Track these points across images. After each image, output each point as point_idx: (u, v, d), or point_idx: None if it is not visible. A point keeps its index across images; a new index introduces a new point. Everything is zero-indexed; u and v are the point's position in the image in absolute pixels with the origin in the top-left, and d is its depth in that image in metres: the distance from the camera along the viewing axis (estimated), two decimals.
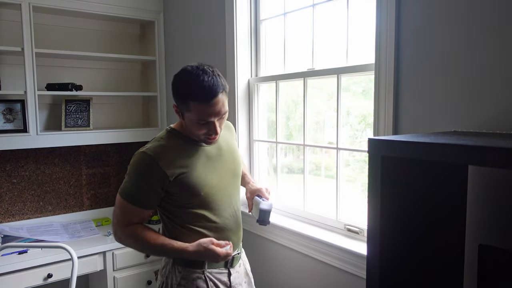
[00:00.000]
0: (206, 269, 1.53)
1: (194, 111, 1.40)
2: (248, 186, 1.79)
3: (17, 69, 2.51)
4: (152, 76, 3.01)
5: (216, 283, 1.54)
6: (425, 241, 1.18)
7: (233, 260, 1.60)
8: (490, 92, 1.25)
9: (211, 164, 1.55)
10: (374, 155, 1.05)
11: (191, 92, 1.38)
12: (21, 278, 2.25)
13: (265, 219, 1.54)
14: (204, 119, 1.42)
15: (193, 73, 1.40)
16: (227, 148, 1.63)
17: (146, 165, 1.44)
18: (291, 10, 2.15)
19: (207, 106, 1.39)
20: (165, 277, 1.56)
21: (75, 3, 2.60)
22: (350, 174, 1.97)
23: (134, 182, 1.46)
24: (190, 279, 1.51)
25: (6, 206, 2.67)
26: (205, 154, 1.55)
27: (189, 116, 1.43)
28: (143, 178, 1.45)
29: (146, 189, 1.45)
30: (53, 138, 2.57)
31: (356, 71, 1.77)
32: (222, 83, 1.42)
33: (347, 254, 1.72)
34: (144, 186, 1.45)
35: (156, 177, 1.44)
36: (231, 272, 1.59)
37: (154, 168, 1.43)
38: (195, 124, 1.44)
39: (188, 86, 1.40)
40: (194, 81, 1.38)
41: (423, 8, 1.41)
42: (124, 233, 1.50)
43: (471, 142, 0.92)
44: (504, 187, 1.23)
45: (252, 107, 2.37)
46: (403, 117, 1.50)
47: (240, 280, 1.63)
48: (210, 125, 1.44)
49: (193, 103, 1.39)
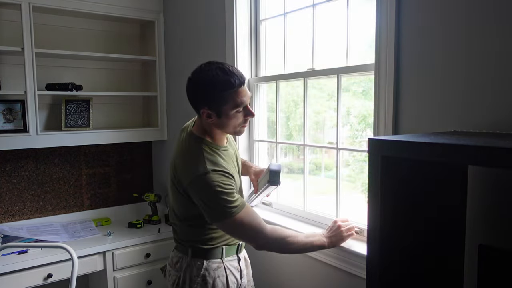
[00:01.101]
0: (224, 258, 1.62)
1: (231, 101, 1.44)
2: (252, 169, 1.87)
3: (17, 69, 2.51)
4: (152, 76, 3.01)
5: (232, 270, 1.64)
6: (425, 241, 1.18)
7: (241, 246, 1.71)
8: (490, 92, 1.25)
9: (235, 166, 1.65)
10: (374, 155, 1.05)
11: (227, 82, 1.42)
12: (21, 278, 2.25)
13: (275, 179, 1.57)
14: (243, 103, 1.46)
15: (212, 69, 1.44)
16: (235, 147, 1.73)
17: (220, 177, 1.45)
18: (291, 10, 2.15)
19: (242, 90, 1.45)
20: (182, 271, 1.58)
21: (75, 3, 2.60)
22: (350, 174, 1.97)
23: (226, 198, 1.44)
24: (213, 268, 1.58)
25: (6, 206, 2.67)
26: (231, 157, 1.62)
27: (226, 110, 1.45)
28: (229, 188, 1.46)
29: (235, 193, 1.48)
30: (53, 138, 2.57)
31: (356, 71, 1.77)
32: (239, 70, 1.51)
33: (347, 254, 1.72)
34: (234, 193, 1.47)
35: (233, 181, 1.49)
36: (240, 258, 1.70)
37: (226, 174, 1.47)
38: (234, 116, 1.47)
39: (219, 80, 1.42)
40: (222, 74, 1.42)
41: (423, 8, 1.41)
42: (272, 235, 1.51)
43: (471, 142, 0.92)
44: (504, 187, 1.23)
45: (252, 107, 2.37)
46: (403, 117, 1.50)
47: (245, 264, 1.75)
48: (246, 110, 1.50)
49: (229, 92, 1.43)
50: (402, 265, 1.13)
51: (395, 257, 1.11)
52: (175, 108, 2.94)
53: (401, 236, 1.11)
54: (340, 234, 1.62)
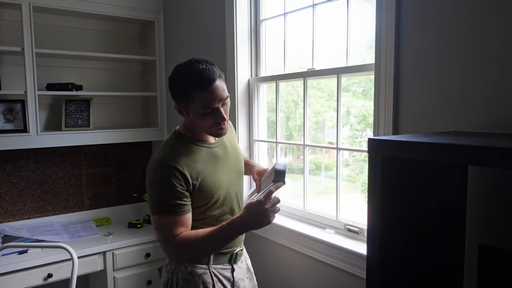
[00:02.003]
0: (211, 265, 1.55)
1: (198, 101, 1.39)
2: (255, 169, 1.81)
3: (17, 69, 2.51)
4: (152, 76, 3.01)
5: (220, 278, 1.56)
6: (425, 241, 1.18)
7: (236, 256, 1.62)
8: (490, 92, 1.25)
9: (220, 165, 1.56)
10: (374, 155, 1.05)
11: (190, 81, 1.39)
12: (21, 278, 2.24)
13: (281, 179, 1.55)
14: (209, 106, 1.40)
15: (186, 66, 1.42)
16: (230, 147, 1.65)
17: (166, 172, 1.41)
18: (291, 10, 2.15)
19: (209, 91, 1.38)
20: (171, 273, 1.57)
21: (75, 3, 2.60)
22: (350, 174, 1.97)
23: (161, 194, 1.42)
24: (196, 274, 1.53)
25: (6, 206, 2.67)
26: (213, 156, 1.55)
27: (194, 109, 1.42)
28: (170, 186, 1.41)
29: (176, 195, 1.41)
30: (53, 138, 2.57)
31: (356, 71, 1.77)
32: (217, 69, 1.43)
33: (347, 254, 1.72)
34: (173, 193, 1.41)
35: (180, 181, 1.41)
36: (234, 268, 1.61)
37: (174, 172, 1.41)
38: (202, 116, 1.43)
39: (186, 78, 1.41)
40: (190, 72, 1.40)
41: (423, 8, 1.41)
42: (176, 248, 1.44)
43: (471, 142, 0.92)
44: (504, 187, 1.23)
45: (252, 107, 2.37)
46: (403, 117, 1.50)
47: (243, 276, 1.65)
48: (216, 113, 1.42)
49: (195, 93, 1.39)
50: (402, 265, 1.13)
51: (395, 257, 1.11)
52: None
53: (401, 236, 1.11)
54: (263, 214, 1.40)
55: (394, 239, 1.09)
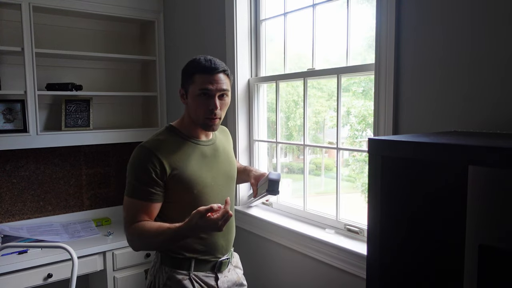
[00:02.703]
0: (192, 271, 1.53)
1: (197, 82, 1.49)
2: (252, 173, 1.83)
3: (17, 69, 2.51)
4: (152, 76, 3.01)
5: (202, 286, 1.54)
6: (425, 241, 1.18)
7: (221, 265, 1.60)
8: (490, 92, 1.25)
9: (207, 163, 1.57)
10: (374, 155, 1.05)
11: (197, 66, 1.51)
12: (21, 278, 2.24)
13: (274, 188, 1.56)
14: (206, 87, 1.48)
15: (200, 57, 1.55)
16: (222, 151, 1.66)
17: (145, 156, 1.46)
18: (291, 10, 2.15)
19: (210, 76, 1.49)
20: (153, 276, 1.57)
21: (75, 3, 2.60)
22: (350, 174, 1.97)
23: (135, 176, 1.47)
24: (176, 280, 1.52)
25: (6, 206, 2.67)
26: (200, 152, 1.57)
27: (192, 90, 1.50)
28: (144, 170, 1.45)
29: (147, 180, 1.45)
30: (53, 138, 2.57)
31: (356, 71, 1.77)
32: (225, 66, 1.55)
33: (347, 254, 1.72)
34: (144, 177, 1.45)
35: (155, 168, 1.45)
36: (219, 277, 1.59)
37: (153, 159, 1.45)
38: (196, 99, 1.50)
39: (193, 62, 1.53)
40: (199, 59, 1.53)
41: (423, 8, 1.41)
42: (130, 233, 1.45)
43: (471, 142, 0.92)
44: (504, 187, 1.23)
45: (252, 107, 2.37)
46: (403, 117, 1.50)
47: (230, 285, 1.63)
48: (210, 99, 1.49)
49: (197, 75, 1.49)
50: (402, 265, 1.13)
51: (395, 257, 1.11)
52: (175, 108, 2.94)
53: (401, 236, 1.11)
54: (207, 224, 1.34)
55: (394, 239, 1.09)
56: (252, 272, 2.17)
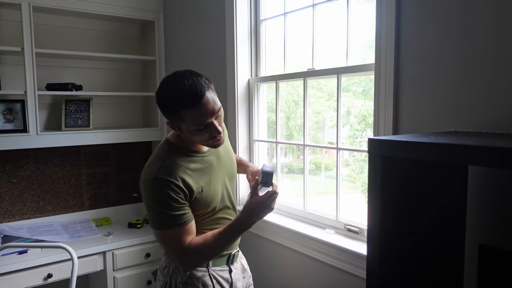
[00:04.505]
0: (210, 267, 1.56)
1: (189, 120, 1.35)
2: (249, 169, 1.82)
3: (17, 69, 2.51)
4: (152, 76, 3.01)
5: (219, 280, 1.57)
6: (425, 241, 1.18)
7: (233, 258, 1.63)
8: (490, 92, 1.25)
9: (215, 173, 1.55)
10: (374, 155, 1.05)
11: (178, 100, 1.33)
12: (21, 278, 2.24)
13: (267, 180, 1.55)
14: (202, 123, 1.36)
15: (171, 83, 1.36)
16: (224, 151, 1.64)
17: (165, 187, 1.38)
18: (291, 10, 2.15)
19: (199, 108, 1.33)
20: (169, 277, 1.56)
21: (75, 3, 2.60)
22: (350, 174, 1.97)
23: (164, 209, 1.39)
24: (196, 277, 1.53)
25: (6, 206, 2.67)
26: (208, 165, 1.53)
27: (186, 127, 1.38)
28: (170, 199, 1.38)
29: (177, 207, 1.40)
30: (53, 138, 2.57)
31: (356, 71, 1.77)
32: (203, 81, 1.36)
33: (347, 254, 1.72)
34: (174, 205, 1.39)
35: (179, 195, 1.40)
36: (232, 269, 1.62)
37: (174, 186, 1.39)
38: (195, 132, 1.39)
39: (172, 96, 1.35)
40: (176, 90, 1.33)
41: (423, 8, 1.41)
42: (191, 256, 1.44)
43: (471, 142, 0.92)
44: (504, 187, 1.23)
45: (252, 107, 2.37)
46: (403, 117, 1.50)
47: (239, 276, 1.67)
48: (210, 127, 1.38)
49: (184, 112, 1.33)
50: (402, 265, 1.13)
51: (395, 257, 1.11)
52: None
53: (401, 236, 1.11)
54: (264, 207, 1.44)
55: (394, 239, 1.09)
56: (252, 272, 2.17)
